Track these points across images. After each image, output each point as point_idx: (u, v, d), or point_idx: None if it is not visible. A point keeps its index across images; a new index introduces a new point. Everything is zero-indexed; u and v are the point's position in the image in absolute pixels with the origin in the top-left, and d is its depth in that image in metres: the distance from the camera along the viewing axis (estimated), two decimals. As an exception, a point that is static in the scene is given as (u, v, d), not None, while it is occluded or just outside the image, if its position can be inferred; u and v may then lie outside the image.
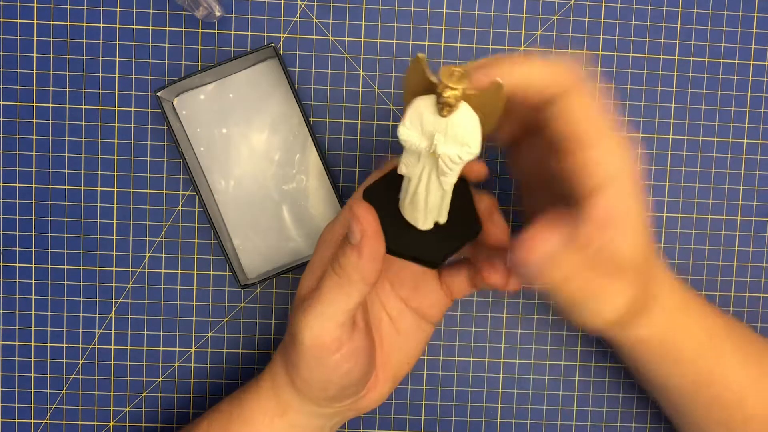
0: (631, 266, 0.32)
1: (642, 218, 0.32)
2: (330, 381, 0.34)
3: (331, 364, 0.34)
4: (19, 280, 0.44)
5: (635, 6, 0.44)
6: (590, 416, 0.45)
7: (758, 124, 0.45)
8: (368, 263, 0.32)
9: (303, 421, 0.37)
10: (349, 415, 0.39)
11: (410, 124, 0.29)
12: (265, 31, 0.43)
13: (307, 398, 0.36)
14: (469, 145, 0.29)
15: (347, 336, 0.34)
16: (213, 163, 0.43)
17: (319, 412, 0.37)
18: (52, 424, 0.44)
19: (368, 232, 0.32)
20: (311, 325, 0.33)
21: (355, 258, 0.32)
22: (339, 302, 0.33)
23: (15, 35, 0.43)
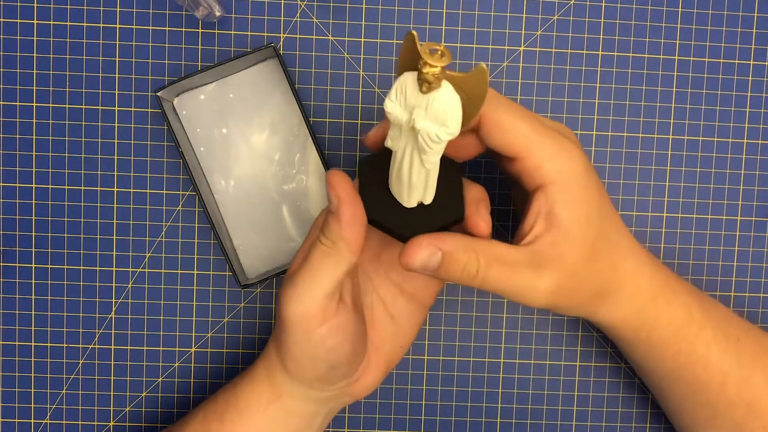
0: (558, 260, 0.33)
1: (580, 215, 0.33)
2: (317, 357, 0.35)
3: (317, 338, 0.34)
4: (19, 280, 0.44)
5: (635, 6, 0.44)
6: (590, 416, 0.45)
7: (758, 124, 0.45)
8: (348, 227, 0.33)
9: (296, 406, 0.37)
10: (344, 400, 0.39)
11: (395, 97, 0.30)
12: (265, 31, 0.43)
13: (298, 380, 0.36)
14: (447, 125, 0.29)
15: (333, 309, 0.34)
16: (213, 163, 0.43)
17: (312, 396, 0.37)
18: (52, 424, 0.44)
19: (343, 197, 0.33)
20: (297, 297, 0.34)
21: (336, 225, 0.33)
22: (325, 271, 0.33)
23: (15, 35, 0.43)
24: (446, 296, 0.45)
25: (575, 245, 0.33)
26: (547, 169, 0.33)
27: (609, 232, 0.35)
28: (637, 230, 0.45)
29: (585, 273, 0.34)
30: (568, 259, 0.33)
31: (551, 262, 0.33)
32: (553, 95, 0.44)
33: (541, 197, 0.33)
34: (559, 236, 0.33)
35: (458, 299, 0.45)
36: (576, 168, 0.33)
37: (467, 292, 0.45)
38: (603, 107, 0.44)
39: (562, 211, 0.33)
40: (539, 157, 0.33)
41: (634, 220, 0.45)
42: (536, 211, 0.34)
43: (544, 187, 0.33)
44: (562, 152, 0.33)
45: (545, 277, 0.33)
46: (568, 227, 0.33)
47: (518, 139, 0.33)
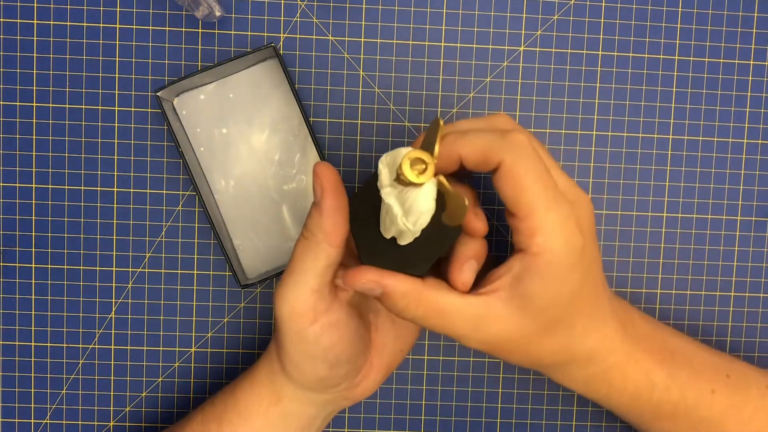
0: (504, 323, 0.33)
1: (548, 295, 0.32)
2: (314, 357, 0.35)
3: (311, 335, 0.34)
4: (19, 280, 0.44)
5: (635, 6, 0.44)
6: (590, 416, 0.45)
7: (758, 124, 0.45)
8: (328, 218, 0.33)
9: (297, 409, 0.37)
10: (343, 404, 0.39)
11: (386, 162, 0.31)
12: (265, 31, 0.43)
13: (300, 384, 0.36)
14: (408, 219, 0.29)
15: (324, 306, 0.34)
16: (213, 163, 0.43)
17: (312, 398, 0.37)
18: (52, 424, 0.44)
19: (326, 188, 0.33)
20: (285, 296, 0.34)
21: (317, 215, 0.33)
22: (308, 267, 0.33)
23: (15, 35, 0.43)
24: (446, 296, 0.45)
25: (528, 317, 0.33)
26: (539, 242, 0.32)
27: (576, 314, 0.34)
28: (637, 230, 0.45)
29: (533, 344, 0.34)
30: (514, 325, 0.33)
31: (494, 322, 0.33)
32: (553, 95, 0.44)
33: (521, 260, 0.32)
34: (516, 302, 0.33)
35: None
36: (567, 252, 0.32)
37: (467, 292, 0.45)
38: (603, 107, 0.44)
39: (531, 284, 0.32)
40: (537, 226, 0.32)
41: (634, 220, 0.45)
42: (509, 267, 0.33)
43: (528, 252, 0.32)
44: (561, 231, 0.32)
45: (482, 333, 0.33)
46: (530, 299, 0.32)
47: (525, 199, 0.32)
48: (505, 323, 0.33)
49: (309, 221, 0.34)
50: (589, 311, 0.35)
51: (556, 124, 0.44)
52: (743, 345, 0.45)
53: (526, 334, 0.33)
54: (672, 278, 0.45)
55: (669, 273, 0.45)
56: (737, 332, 0.45)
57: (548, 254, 0.32)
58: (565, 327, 0.34)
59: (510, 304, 0.33)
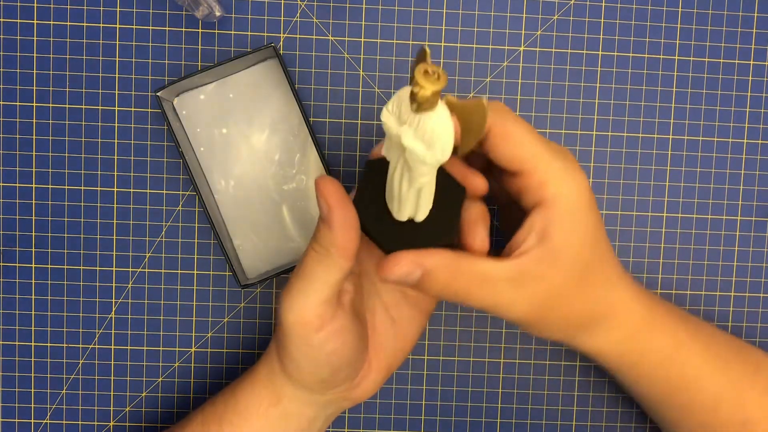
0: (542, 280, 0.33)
1: (573, 241, 0.33)
2: (318, 361, 0.35)
3: (316, 342, 0.34)
4: (19, 280, 0.44)
5: (635, 6, 0.44)
6: (590, 416, 0.45)
7: (758, 124, 0.45)
8: (340, 234, 0.32)
9: (297, 409, 0.37)
10: (343, 405, 0.39)
11: (392, 108, 0.29)
12: (265, 31, 0.43)
13: (300, 384, 0.36)
14: (434, 149, 0.28)
15: (330, 314, 0.34)
16: (213, 163, 0.43)
17: (312, 399, 0.37)
18: (52, 424, 0.44)
19: (332, 204, 0.32)
20: (293, 303, 0.34)
21: (327, 230, 0.33)
22: (319, 277, 0.33)
23: (15, 35, 0.43)
24: (446, 296, 0.45)
25: (563, 269, 0.33)
26: (551, 189, 0.33)
27: (600, 261, 0.35)
28: (637, 230, 0.45)
29: (566, 299, 0.34)
30: (552, 281, 0.33)
31: (534, 280, 0.33)
32: (553, 95, 0.44)
33: (539, 214, 0.33)
34: (548, 257, 0.33)
35: (458, 299, 0.45)
36: (579, 193, 0.33)
37: (467, 292, 0.45)
38: (603, 107, 0.44)
39: (557, 234, 0.33)
40: (544, 175, 0.33)
41: (634, 220, 0.45)
42: (530, 226, 0.33)
43: (543, 205, 0.33)
44: (567, 174, 0.33)
45: (525, 295, 0.33)
46: (559, 250, 0.33)
47: (526, 153, 0.33)
48: (543, 281, 0.33)
49: (319, 236, 0.33)
50: (611, 261, 0.36)
51: (556, 124, 0.44)
52: (743, 345, 0.45)
53: (564, 287, 0.34)
54: (672, 278, 0.45)
55: (669, 273, 0.45)
56: (737, 332, 0.45)
57: (564, 200, 0.32)
58: (595, 275, 0.34)
59: (543, 261, 0.33)
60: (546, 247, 0.33)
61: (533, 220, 0.33)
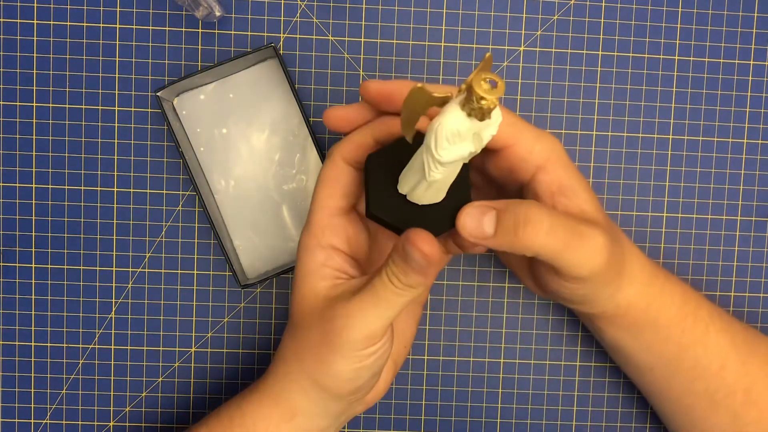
0: (597, 218, 0.35)
1: (587, 185, 0.36)
2: (362, 369, 0.34)
3: (370, 352, 0.34)
4: (19, 280, 0.44)
5: (635, 6, 0.44)
6: (590, 416, 0.45)
7: (758, 124, 0.45)
8: (432, 278, 0.33)
9: (310, 424, 0.37)
10: (357, 409, 0.38)
11: (449, 143, 0.29)
12: (265, 31, 0.43)
13: (329, 394, 0.35)
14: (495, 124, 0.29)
15: None
16: (213, 163, 0.43)
17: (330, 410, 0.36)
18: (52, 424, 0.44)
19: (433, 260, 0.31)
20: (365, 325, 0.33)
21: (421, 279, 0.32)
22: (398, 304, 0.33)
23: (15, 35, 0.43)
24: (446, 296, 0.45)
25: (598, 210, 0.35)
26: (539, 150, 0.34)
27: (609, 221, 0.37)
28: (637, 230, 0.45)
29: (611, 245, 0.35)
30: (601, 223, 0.35)
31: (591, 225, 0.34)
32: (553, 95, 0.44)
33: (545, 178, 0.35)
34: (584, 204, 0.35)
35: (458, 299, 0.45)
36: (560, 146, 0.35)
37: (467, 292, 0.45)
38: (603, 107, 0.44)
39: (572, 181, 0.35)
40: (529, 141, 0.34)
41: (634, 220, 0.45)
42: (548, 192, 0.35)
43: (542, 167, 0.34)
44: (543, 135, 0.35)
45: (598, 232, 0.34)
46: (585, 193, 0.35)
47: (505, 127, 0.34)
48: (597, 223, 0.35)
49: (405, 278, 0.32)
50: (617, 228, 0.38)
51: (556, 124, 0.44)
52: (743, 345, 0.45)
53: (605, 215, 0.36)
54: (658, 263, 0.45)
55: (669, 273, 0.45)
56: (737, 332, 0.45)
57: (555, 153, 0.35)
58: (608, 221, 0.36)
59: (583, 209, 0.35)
60: (577, 199, 0.35)
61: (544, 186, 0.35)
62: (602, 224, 0.35)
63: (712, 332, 0.38)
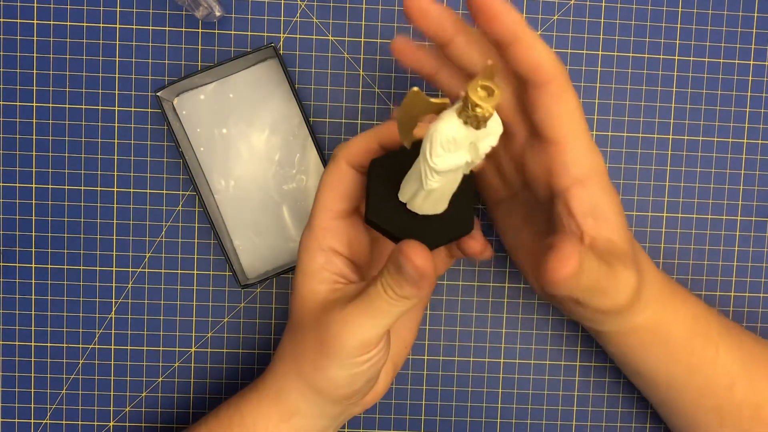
0: (624, 251, 0.34)
1: (620, 208, 0.34)
2: (358, 376, 0.34)
3: (365, 359, 0.34)
4: (19, 280, 0.44)
5: (635, 6, 0.44)
6: (590, 416, 0.45)
7: (758, 124, 0.45)
8: (427, 291, 0.32)
9: (309, 424, 0.37)
10: (355, 410, 0.38)
11: (444, 150, 0.28)
12: (265, 31, 0.43)
13: (326, 397, 0.35)
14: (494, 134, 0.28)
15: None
16: (213, 163, 0.43)
17: (328, 411, 0.36)
18: (52, 424, 0.44)
19: (426, 274, 0.31)
20: (358, 332, 0.33)
21: (414, 291, 0.32)
22: (393, 314, 0.33)
23: (15, 35, 0.43)
24: (446, 296, 0.45)
25: (625, 239, 0.34)
26: (585, 163, 0.33)
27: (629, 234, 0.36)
28: (637, 230, 0.45)
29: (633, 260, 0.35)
30: (627, 253, 0.34)
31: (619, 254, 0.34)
32: (553, 95, 0.44)
33: (581, 194, 0.33)
34: (614, 232, 0.34)
35: (458, 299, 0.45)
36: (604, 166, 0.34)
37: (467, 292, 0.45)
38: (603, 107, 0.44)
39: (606, 206, 0.33)
40: (580, 149, 0.33)
41: (634, 220, 0.45)
42: (580, 210, 0.33)
43: (582, 182, 0.33)
44: (595, 149, 0.34)
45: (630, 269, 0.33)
46: (617, 219, 0.34)
47: (568, 122, 0.33)
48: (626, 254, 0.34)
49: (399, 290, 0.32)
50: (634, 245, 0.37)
51: (556, 124, 0.44)
52: (743, 345, 0.45)
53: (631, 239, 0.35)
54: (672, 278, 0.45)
55: (669, 273, 0.45)
56: (737, 332, 0.45)
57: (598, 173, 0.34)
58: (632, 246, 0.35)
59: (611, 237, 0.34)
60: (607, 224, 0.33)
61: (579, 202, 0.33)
62: (629, 255, 0.34)
63: (722, 352, 0.38)
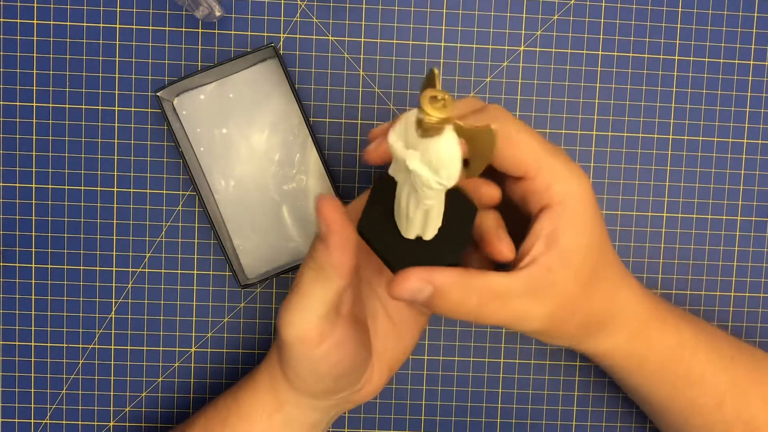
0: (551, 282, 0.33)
1: (581, 242, 0.32)
2: (321, 373, 0.35)
3: (318, 356, 0.34)
4: (19, 280, 0.44)
5: (635, 6, 0.44)
6: (590, 416, 0.45)
7: (758, 124, 0.45)
8: (337, 254, 0.32)
9: (300, 415, 0.37)
10: (346, 407, 0.39)
11: (398, 133, 0.28)
12: (265, 31, 0.43)
13: (303, 392, 0.36)
14: (440, 175, 0.28)
15: (330, 328, 0.34)
16: (213, 163, 0.43)
17: (316, 405, 0.37)
18: (52, 424, 0.44)
19: (331, 225, 0.32)
20: (292, 321, 0.33)
21: (324, 251, 0.32)
22: (316, 295, 0.33)
23: (15, 35, 0.43)
24: (446, 296, 0.45)
25: (572, 273, 0.33)
26: (556, 190, 0.32)
27: (607, 262, 0.35)
28: (637, 230, 0.45)
29: (578, 303, 0.34)
30: (562, 287, 0.33)
31: (546, 288, 0.32)
32: (553, 95, 0.44)
33: (546, 218, 0.32)
34: (557, 262, 0.32)
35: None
36: (584, 194, 0.32)
37: (467, 292, 0.45)
38: (603, 107, 0.44)
39: (564, 236, 0.32)
40: (549, 177, 0.32)
41: (634, 220, 0.45)
42: (538, 232, 0.32)
43: (550, 208, 0.32)
44: (572, 174, 0.32)
45: (540, 304, 0.32)
46: (569, 254, 0.32)
47: (529, 156, 0.32)
48: (555, 288, 0.32)
49: (316, 255, 0.33)
50: (615, 262, 0.35)
51: (556, 124, 0.44)
52: (743, 345, 0.45)
53: (575, 292, 0.33)
54: (672, 278, 0.45)
55: (669, 273, 0.45)
56: (737, 332, 0.45)
57: (570, 201, 0.32)
58: (603, 277, 0.34)
59: (553, 267, 0.32)
60: (555, 252, 0.32)
61: (540, 225, 0.32)
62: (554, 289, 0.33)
63: (709, 374, 0.38)
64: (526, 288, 0.32)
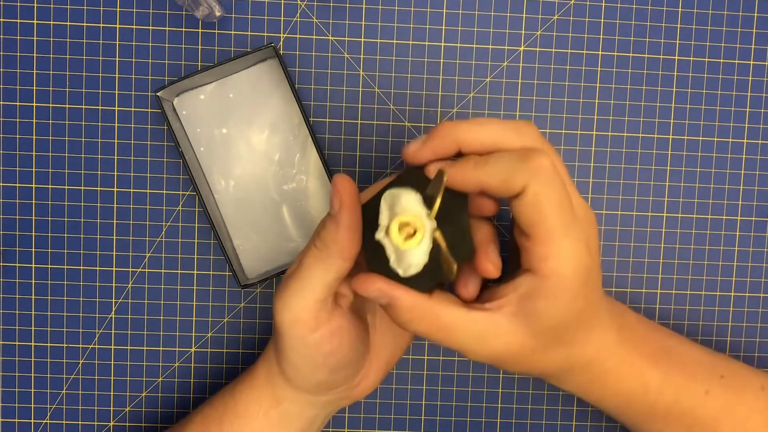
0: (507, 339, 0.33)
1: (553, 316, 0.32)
2: (315, 363, 0.35)
3: (312, 342, 0.34)
4: (19, 280, 0.44)
5: (635, 6, 0.44)
6: (590, 416, 0.45)
7: (758, 124, 0.45)
8: (345, 233, 0.33)
9: (297, 411, 0.37)
10: (343, 403, 0.39)
11: (388, 199, 0.31)
12: (265, 31, 0.43)
13: (299, 388, 0.36)
14: (399, 267, 0.31)
15: (326, 314, 0.34)
16: (213, 163, 0.43)
17: (313, 401, 0.37)
18: (52, 424, 0.44)
19: (346, 202, 0.32)
20: (289, 302, 0.34)
21: (334, 228, 0.33)
22: (317, 276, 0.33)
23: (15, 35, 0.43)
24: (446, 296, 0.45)
25: (535, 337, 0.33)
26: (551, 266, 0.31)
27: (579, 324, 0.34)
28: (637, 230, 0.45)
29: (535, 357, 0.34)
30: (521, 344, 0.33)
31: (500, 337, 0.33)
32: (553, 95, 0.44)
33: (529, 280, 0.32)
34: (523, 322, 0.32)
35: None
36: (577, 275, 0.32)
37: (467, 292, 0.45)
38: (603, 107, 0.44)
39: (540, 306, 0.32)
40: (550, 250, 0.31)
41: (634, 220, 0.45)
42: (516, 286, 0.32)
43: (537, 275, 0.32)
44: (573, 255, 0.32)
45: (486, 346, 0.33)
46: (537, 320, 0.32)
47: (545, 226, 0.31)
48: (509, 339, 0.33)
49: (323, 233, 0.33)
50: (590, 324, 0.35)
51: (556, 124, 0.44)
52: (743, 345, 0.45)
53: (530, 349, 0.33)
54: (672, 278, 0.45)
55: (669, 273, 0.45)
56: (737, 332, 0.45)
57: (559, 278, 0.32)
58: (568, 342, 0.34)
59: (515, 320, 0.32)
60: (523, 310, 0.32)
61: (521, 281, 0.32)
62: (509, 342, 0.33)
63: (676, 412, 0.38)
64: (479, 330, 0.33)
